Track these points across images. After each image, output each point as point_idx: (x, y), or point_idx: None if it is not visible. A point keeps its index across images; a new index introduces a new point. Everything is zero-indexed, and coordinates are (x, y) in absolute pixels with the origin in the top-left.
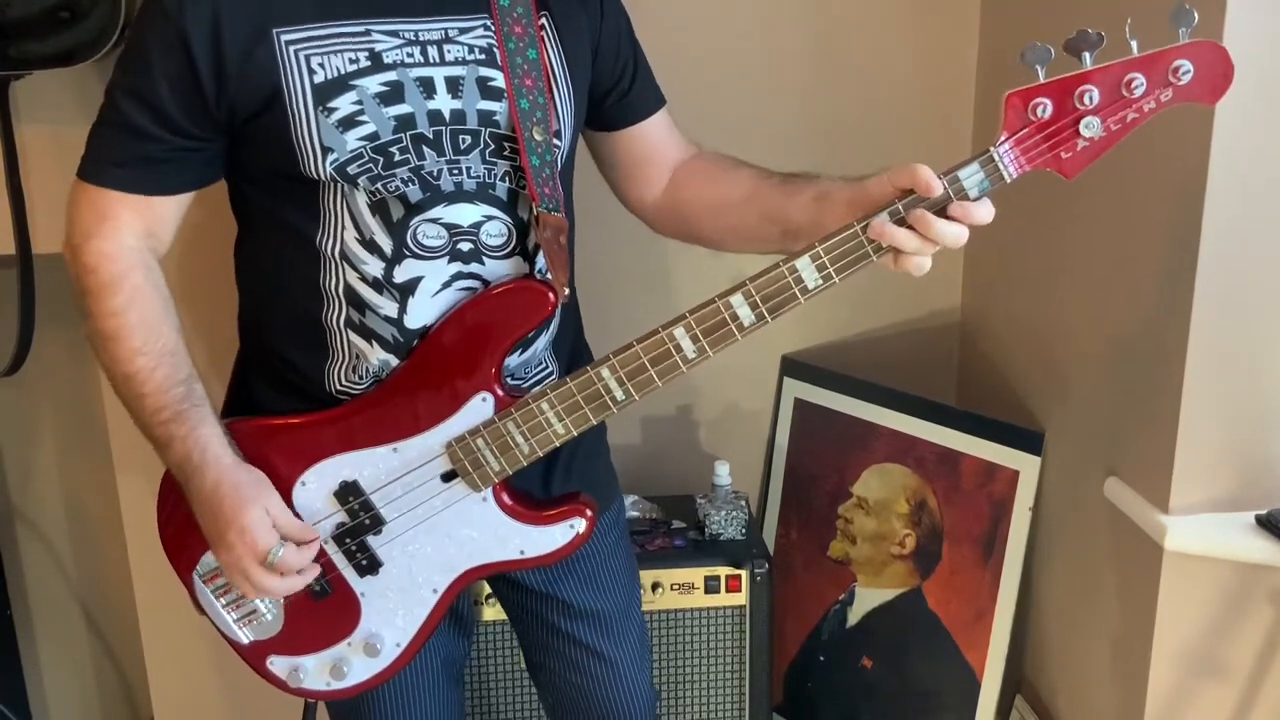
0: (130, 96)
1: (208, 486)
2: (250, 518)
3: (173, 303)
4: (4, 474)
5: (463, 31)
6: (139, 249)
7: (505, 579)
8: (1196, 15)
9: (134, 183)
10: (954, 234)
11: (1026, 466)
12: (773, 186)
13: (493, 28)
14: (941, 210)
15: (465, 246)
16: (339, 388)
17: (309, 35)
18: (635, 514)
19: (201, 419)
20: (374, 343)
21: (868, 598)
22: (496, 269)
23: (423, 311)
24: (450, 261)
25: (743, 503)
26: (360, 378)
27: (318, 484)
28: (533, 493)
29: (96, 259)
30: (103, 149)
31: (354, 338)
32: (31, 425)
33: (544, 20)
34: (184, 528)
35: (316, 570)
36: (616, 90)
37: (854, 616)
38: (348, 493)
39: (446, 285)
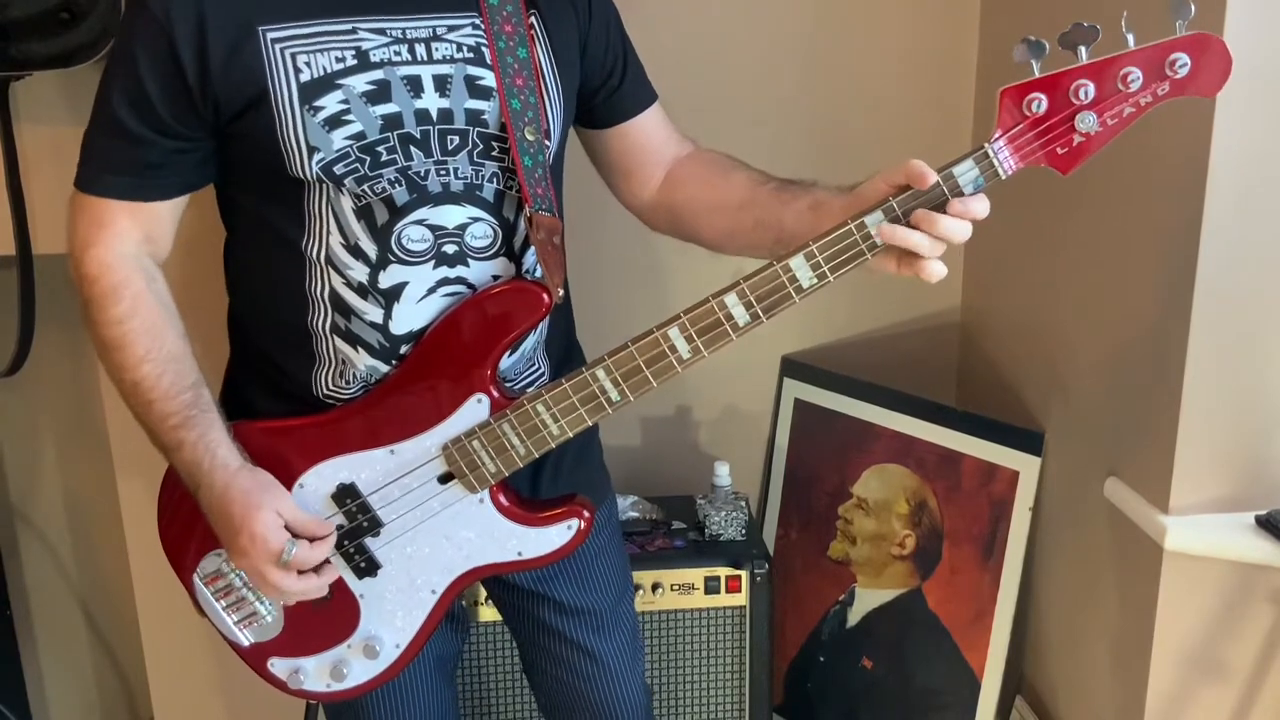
0: (119, 98)
1: (217, 492)
2: (260, 521)
3: (175, 309)
4: (4, 474)
5: (451, 29)
6: (138, 256)
7: (497, 578)
8: (1193, 8)
9: (128, 189)
10: (959, 229)
11: (1026, 467)
12: (769, 193)
13: (482, 26)
14: (940, 209)
15: (450, 249)
16: (326, 392)
17: (295, 33)
18: (635, 514)
19: (210, 424)
20: (360, 348)
21: (868, 598)
22: (482, 271)
23: (408, 317)
24: (435, 266)
25: (743, 503)
26: (347, 383)
27: (315, 486)
28: (521, 493)
29: (97, 268)
30: (95, 157)
31: (340, 343)
32: (31, 425)
33: (533, 19)
34: (184, 530)
35: (335, 572)
36: (606, 87)
37: (854, 617)
38: (345, 495)
39: (431, 291)
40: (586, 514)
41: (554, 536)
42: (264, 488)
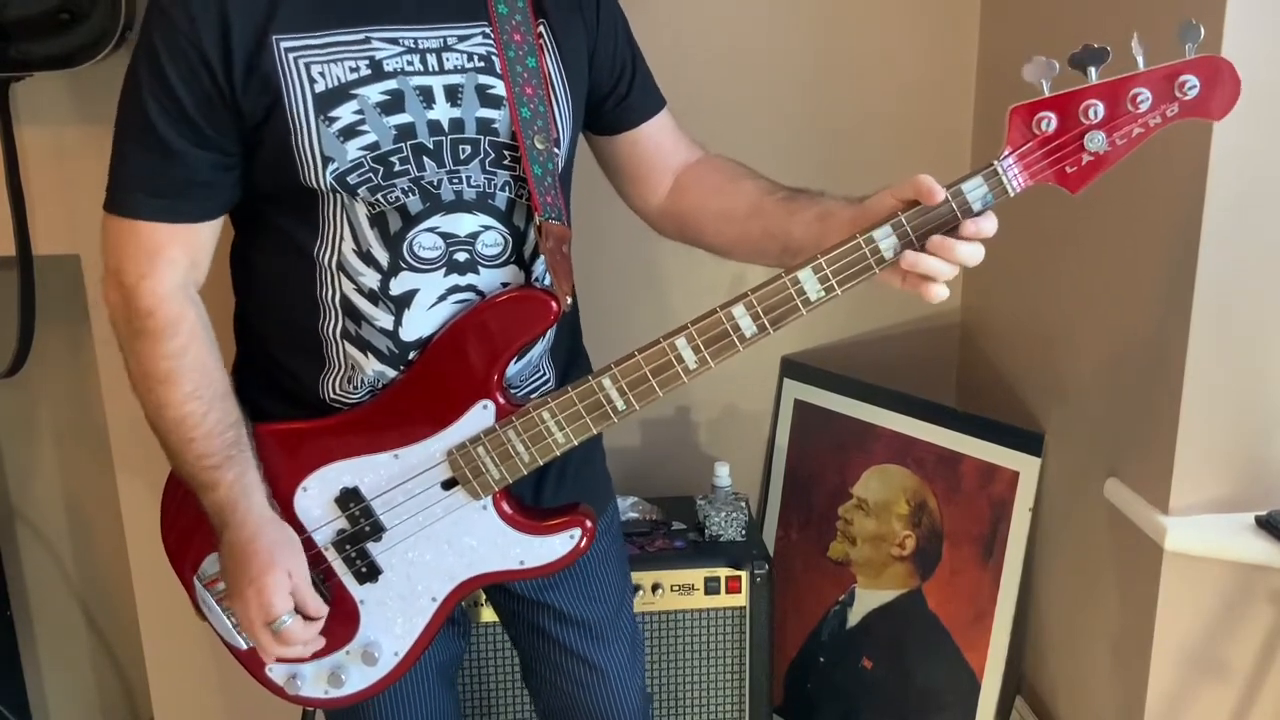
0: (155, 113)
1: (243, 537)
2: (270, 580)
3: (216, 342)
4: (4, 474)
5: (462, 39)
6: (186, 286)
7: (498, 586)
8: (1203, 31)
9: (174, 212)
10: (973, 254)
11: (1026, 467)
12: (776, 203)
13: (492, 36)
14: (948, 227)
15: (461, 257)
16: (333, 396)
17: (308, 43)
18: (635, 515)
19: (246, 466)
20: (369, 354)
21: (868, 598)
22: (492, 278)
23: (418, 324)
24: (446, 274)
25: (743, 504)
26: (355, 388)
27: (319, 490)
28: (525, 499)
29: (153, 301)
30: (133, 179)
31: (349, 348)
32: (31, 425)
33: (542, 28)
34: (187, 532)
35: (320, 644)
36: (615, 94)
37: (854, 617)
38: (348, 499)
39: (442, 298)
40: (589, 524)
41: (556, 546)
42: (286, 545)
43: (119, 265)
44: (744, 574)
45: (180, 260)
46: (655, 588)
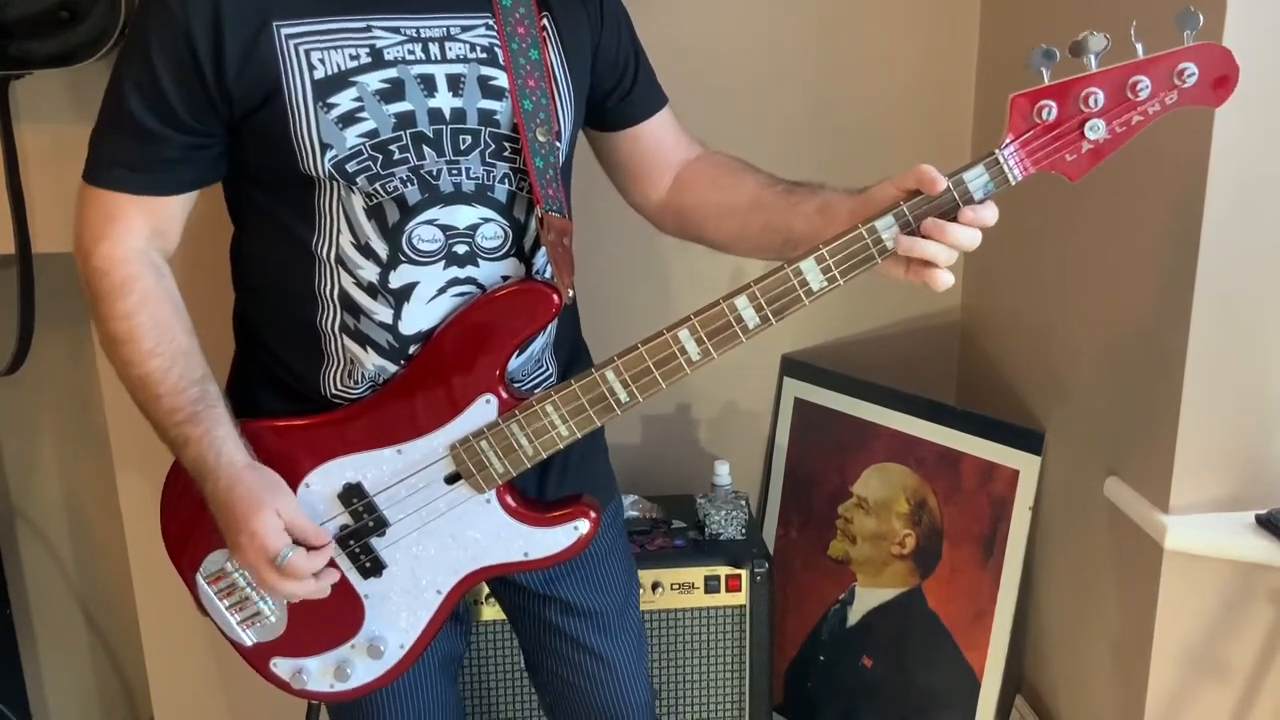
0: (133, 93)
1: (221, 489)
2: (260, 521)
3: (183, 304)
4: (4, 474)
5: (465, 29)
6: (147, 250)
7: (503, 579)
8: (1202, 18)
9: (141, 184)
10: (968, 238)
11: (1026, 466)
12: (777, 195)
13: (495, 27)
14: (949, 216)
15: (461, 249)
16: (334, 391)
17: (309, 30)
18: (635, 514)
19: (216, 420)
20: (369, 348)
21: (868, 597)
22: (492, 271)
23: (418, 317)
24: (446, 266)
25: (743, 502)
26: (355, 383)
27: (322, 485)
28: (529, 493)
29: (107, 263)
30: (107, 150)
31: (349, 343)
32: (31, 425)
33: (545, 21)
34: (187, 529)
35: (334, 576)
36: (617, 91)
37: (854, 616)
38: (351, 494)
39: (441, 291)
40: (593, 514)
41: (561, 537)
42: (268, 487)
43: (80, 228)
44: (744, 573)
45: (140, 228)
46: (655, 586)
